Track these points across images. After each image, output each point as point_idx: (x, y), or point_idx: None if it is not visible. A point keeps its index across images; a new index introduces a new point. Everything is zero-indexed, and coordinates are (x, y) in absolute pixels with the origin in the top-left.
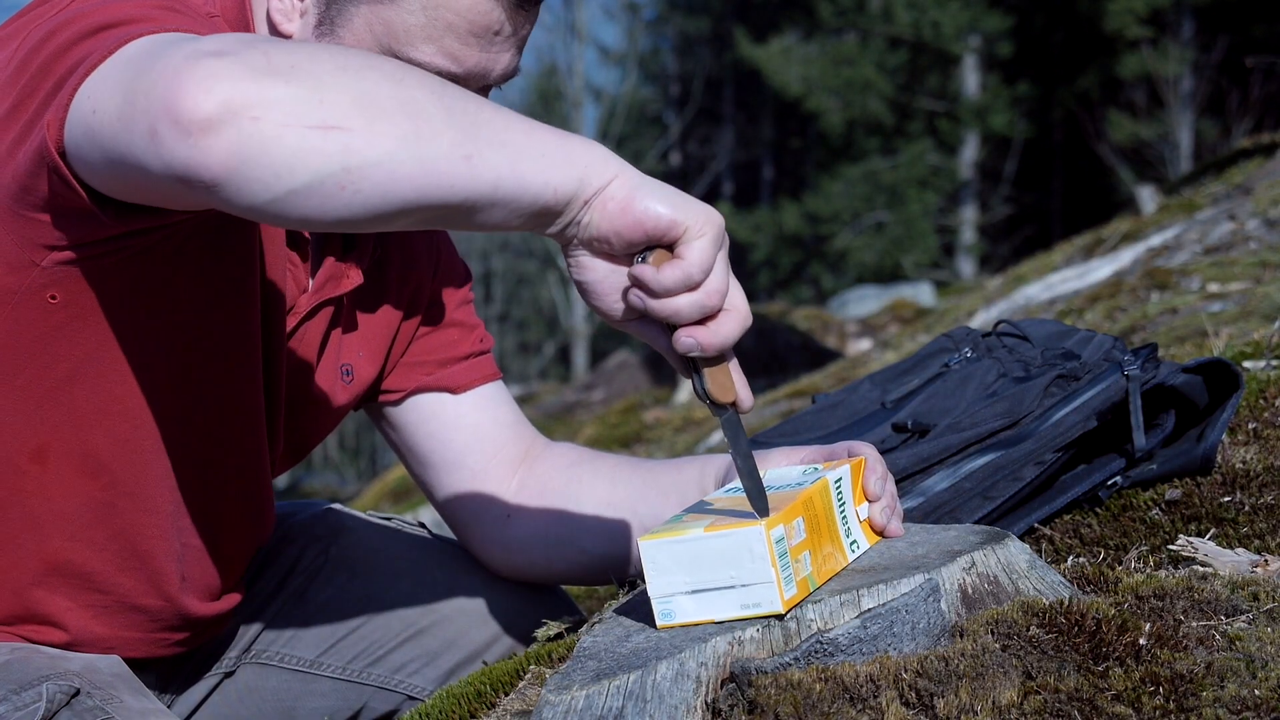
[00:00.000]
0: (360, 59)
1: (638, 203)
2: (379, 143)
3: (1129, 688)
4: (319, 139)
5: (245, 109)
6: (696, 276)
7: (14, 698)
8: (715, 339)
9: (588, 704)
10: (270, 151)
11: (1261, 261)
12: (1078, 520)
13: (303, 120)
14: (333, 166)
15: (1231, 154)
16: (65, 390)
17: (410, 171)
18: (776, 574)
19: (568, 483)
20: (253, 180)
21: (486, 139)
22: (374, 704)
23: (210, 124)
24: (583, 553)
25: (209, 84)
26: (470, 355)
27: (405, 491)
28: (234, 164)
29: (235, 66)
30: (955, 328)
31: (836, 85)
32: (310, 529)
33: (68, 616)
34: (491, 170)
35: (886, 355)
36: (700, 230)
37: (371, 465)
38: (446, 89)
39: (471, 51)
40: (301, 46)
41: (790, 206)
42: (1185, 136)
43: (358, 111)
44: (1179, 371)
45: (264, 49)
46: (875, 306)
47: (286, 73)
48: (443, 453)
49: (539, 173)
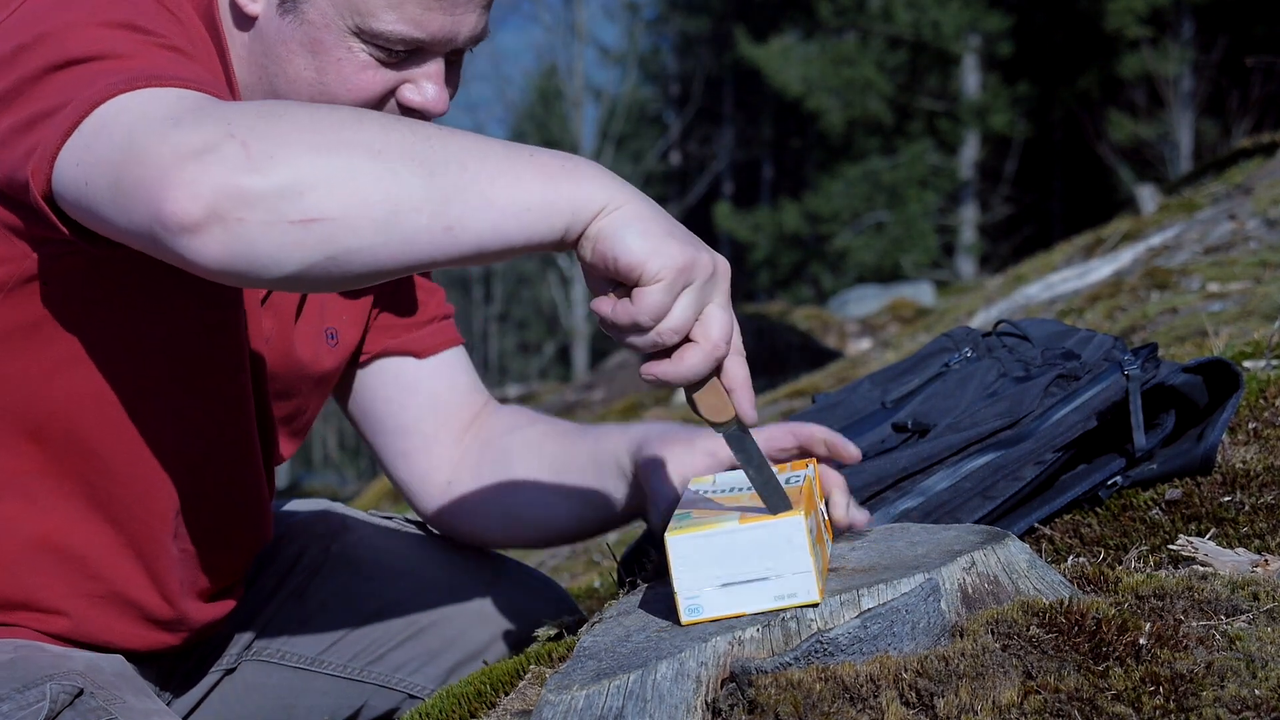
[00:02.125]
0: (336, 130)
1: (608, 242)
2: (360, 228)
3: (1129, 687)
4: (301, 233)
5: (230, 212)
6: (643, 322)
7: (17, 696)
8: (677, 371)
9: (588, 704)
10: (258, 248)
11: (1261, 261)
12: (1078, 520)
13: (284, 216)
14: (318, 256)
15: (1231, 154)
16: (61, 374)
17: (394, 251)
18: (813, 563)
19: (504, 452)
20: (246, 270)
21: (469, 203)
22: (374, 702)
23: (199, 228)
24: (517, 520)
25: (193, 190)
26: (435, 319)
27: None
28: (226, 259)
29: (215, 168)
30: (955, 327)
31: (836, 85)
32: (311, 527)
33: (66, 603)
34: (474, 236)
35: (886, 355)
36: (656, 276)
37: (372, 465)
38: (430, 146)
39: (435, 16)
40: (278, 119)
41: (790, 206)
42: (1185, 136)
43: (337, 200)
44: (1179, 371)
45: (242, 136)
46: (875, 306)
47: (265, 165)
48: (399, 417)
49: (521, 229)
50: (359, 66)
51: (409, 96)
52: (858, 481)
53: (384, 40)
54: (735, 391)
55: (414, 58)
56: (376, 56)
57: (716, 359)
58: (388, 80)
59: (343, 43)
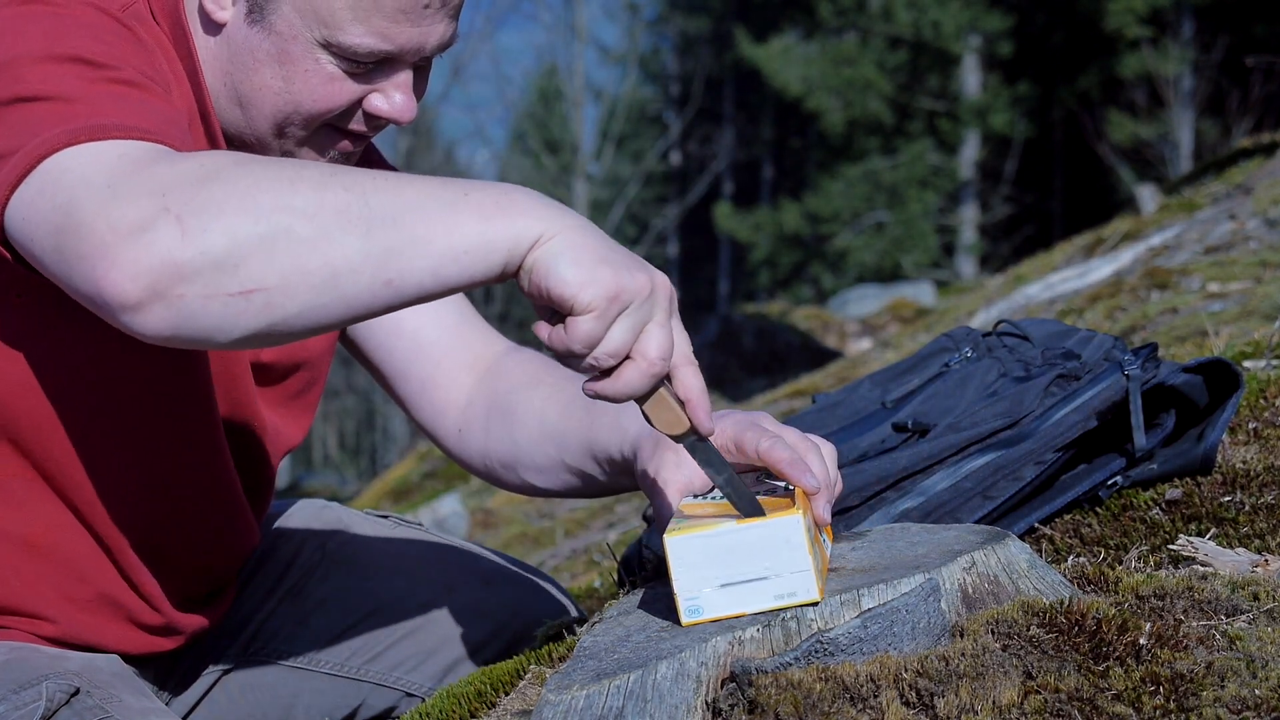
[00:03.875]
0: (272, 195)
1: (541, 274)
2: (299, 295)
3: (1129, 687)
4: (242, 303)
5: (169, 289)
6: (575, 349)
7: (13, 696)
8: (616, 389)
9: (588, 704)
10: (200, 321)
11: (1262, 261)
12: (1078, 520)
13: (223, 289)
14: (261, 323)
15: (1232, 154)
16: (31, 383)
17: (336, 310)
18: (812, 562)
19: (507, 413)
20: (193, 340)
21: (407, 255)
22: (371, 700)
23: (140, 306)
24: (520, 480)
25: (131, 271)
26: None
27: (405, 491)
28: (170, 332)
29: (151, 247)
30: (955, 327)
31: (836, 85)
32: (307, 526)
33: (55, 608)
34: (415, 285)
35: (886, 355)
36: (588, 306)
37: (372, 465)
38: (366, 203)
39: (403, 28)
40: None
41: (790, 206)
42: (1185, 136)
43: (274, 270)
44: (1179, 371)
45: (177, 209)
46: (875, 306)
47: (200, 239)
48: (391, 363)
49: (460, 272)
50: (326, 78)
51: (377, 105)
52: (858, 481)
53: (352, 53)
54: (689, 403)
55: (382, 68)
56: (344, 68)
57: (653, 376)
58: (355, 91)
59: (310, 54)
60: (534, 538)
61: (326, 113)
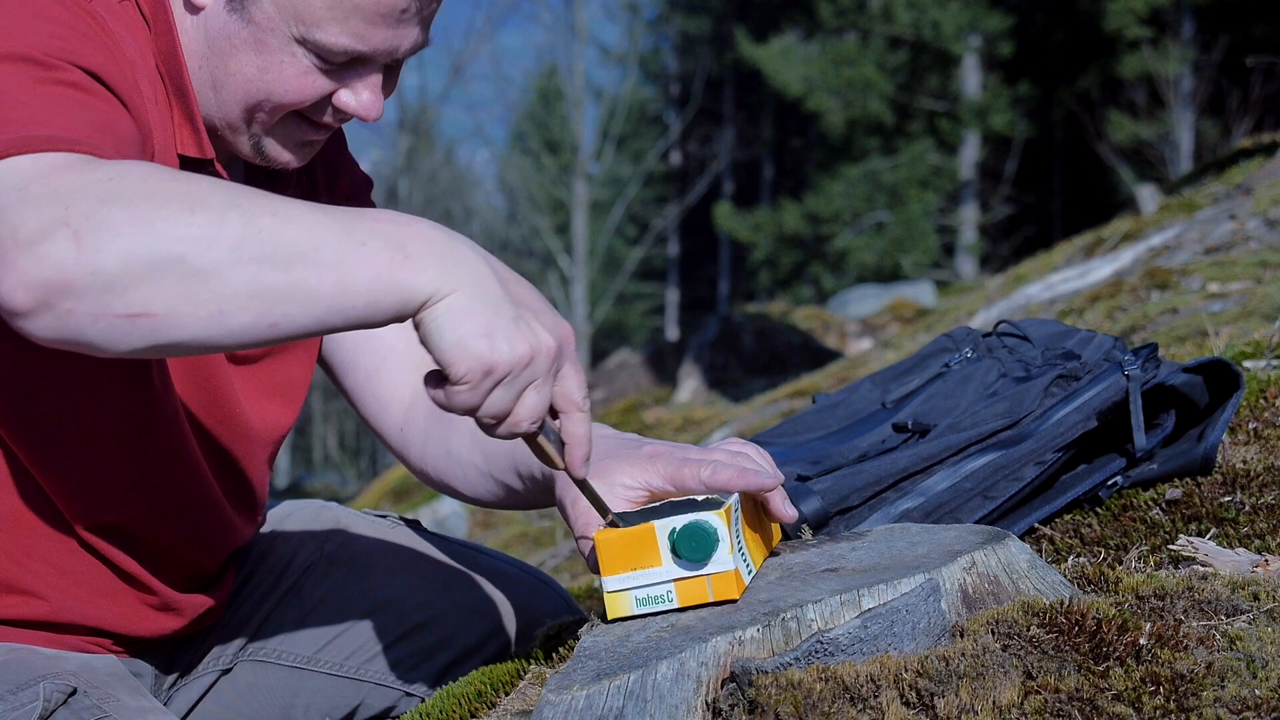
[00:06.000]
0: (171, 220)
1: (425, 336)
2: (184, 325)
3: (1129, 688)
4: (128, 325)
5: (58, 303)
6: (456, 410)
7: (10, 697)
8: (495, 434)
9: (588, 704)
10: (87, 335)
11: (1262, 261)
12: (1078, 520)
13: (110, 309)
14: (146, 344)
15: (1232, 154)
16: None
17: (222, 340)
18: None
19: (446, 422)
20: (83, 349)
21: (294, 301)
22: (371, 700)
23: (30, 314)
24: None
25: (24, 280)
26: None
27: (405, 491)
28: (59, 340)
29: (44, 260)
30: (955, 328)
31: (837, 85)
32: (307, 526)
33: (44, 585)
34: (299, 328)
35: (887, 355)
36: (462, 379)
37: (372, 465)
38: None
39: (378, 31)
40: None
41: (790, 206)
42: (1185, 136)
43: (161, 299)
44: (1179, 371)
45: (76, 224)
46: (875, 306)
47: (92, 258)
48: (340, 353)
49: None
50: (300, 71)
51: (346, 101)
52: (858, 482)
53: (327, 52)
54: (568, 448)
55: (354, 66)
56: (318, 64)
57: (514, 434)
58: (326, 86)
59: (286, 48)
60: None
61: (297, 104)
